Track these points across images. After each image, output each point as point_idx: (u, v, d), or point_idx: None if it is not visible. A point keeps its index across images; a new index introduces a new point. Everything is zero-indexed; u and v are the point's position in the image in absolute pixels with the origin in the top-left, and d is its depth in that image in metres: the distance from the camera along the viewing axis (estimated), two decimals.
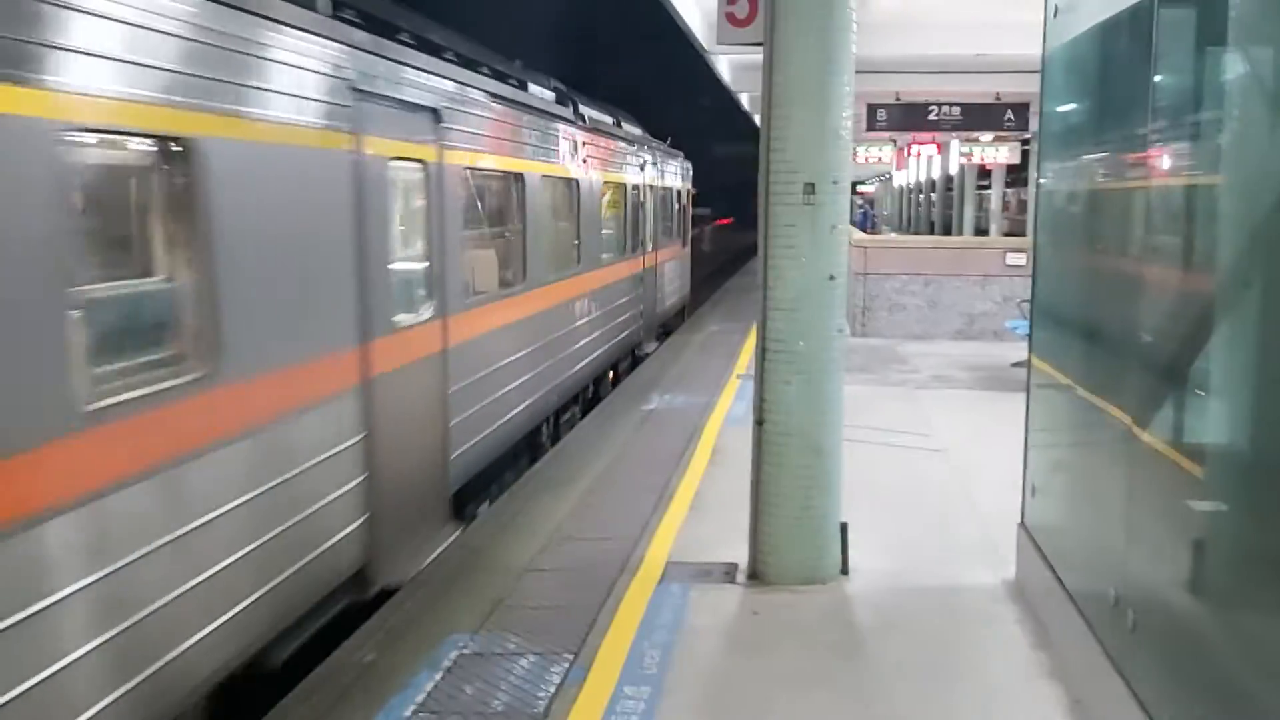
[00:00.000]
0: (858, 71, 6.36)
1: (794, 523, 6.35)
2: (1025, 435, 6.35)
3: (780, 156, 6.16)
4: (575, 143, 11.40)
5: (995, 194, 33.75)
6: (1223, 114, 3.80)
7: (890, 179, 50.88)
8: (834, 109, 6.12)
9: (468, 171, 8.02)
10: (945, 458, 9.52)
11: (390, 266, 6.48)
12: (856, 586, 6.37)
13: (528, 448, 10.18)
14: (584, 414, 11.99)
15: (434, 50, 7.72)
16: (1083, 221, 5.74)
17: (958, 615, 5.99)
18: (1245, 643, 3.56)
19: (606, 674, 5.28)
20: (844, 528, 6.50)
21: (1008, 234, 28.94)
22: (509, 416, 9.02)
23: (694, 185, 23.70)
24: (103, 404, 3.88)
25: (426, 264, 7.24)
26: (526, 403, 9.56)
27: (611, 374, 14.21)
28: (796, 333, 6.23)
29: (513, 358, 9.08)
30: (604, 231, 12.96)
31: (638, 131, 16.11)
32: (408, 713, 4.91)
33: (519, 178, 9.40)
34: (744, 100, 28.25)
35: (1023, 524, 6.27)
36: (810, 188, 6.10)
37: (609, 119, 13.83)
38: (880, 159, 33.50)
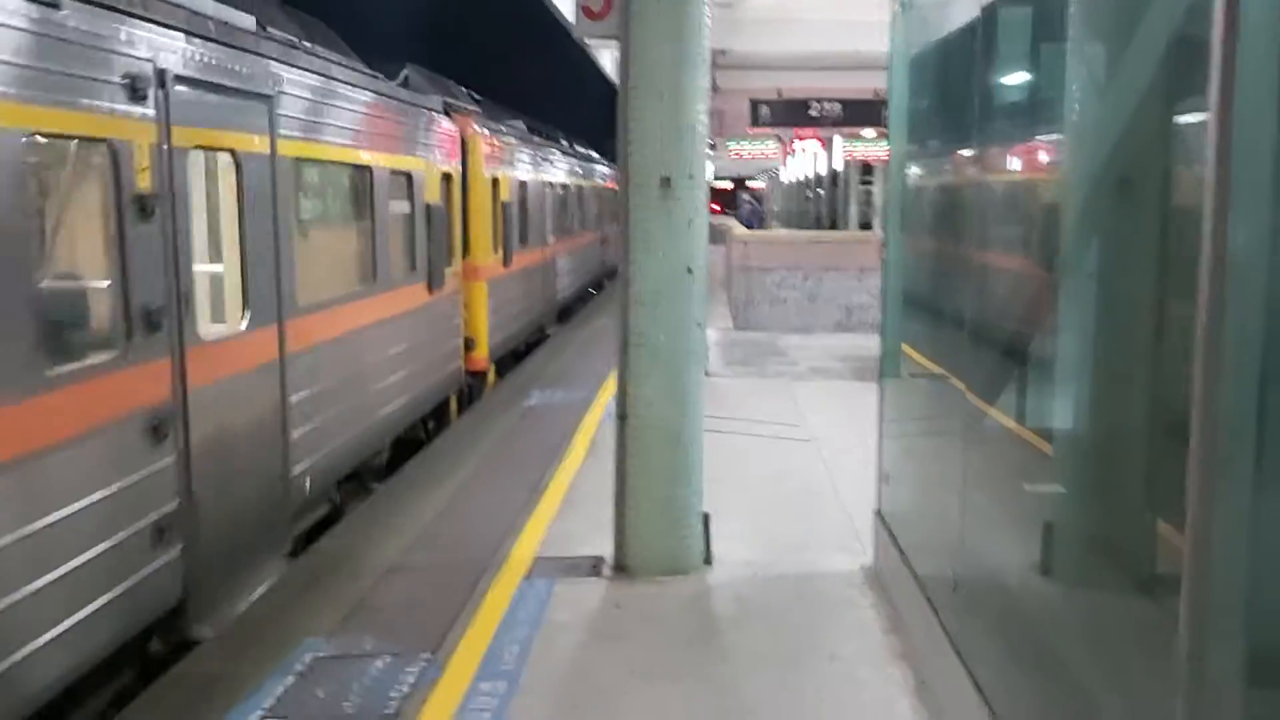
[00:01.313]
0: (739, 67, 6.44)
1: (656, 514, 6.38)
2: (879, 424, 6.48)
3: (637, 150, 6.18)
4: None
5: (878, 189, 34.41)
6: (1060, 112, 3.94)
7: (778, 174, 51.53)
8: (688, 104, 6.15)
9: (301, 164, 7.21)
10: (814, 448, 9.68)
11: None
12: (719, 576, 6.43)
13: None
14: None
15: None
16: (925, 212, 5.90)
17: (815, 602, 6.09)
18: (1068, 620, 3.68)
19: (462, 671, 5.23)
20: (706, 518, 6.55)
21: None
22: (364, 427, 8.40)
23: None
24: None
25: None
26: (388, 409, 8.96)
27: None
28: (656, 326, 6.26)
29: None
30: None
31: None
32: (254, 718, 4.79)
33: (367, 171, 8.55)
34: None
35: (878, 511, 6.40)
36: (666, 182, 6.13)
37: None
38: (766, 155, 33.91)
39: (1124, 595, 3.36)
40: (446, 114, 11.78)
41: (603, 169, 28.31)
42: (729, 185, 73.54)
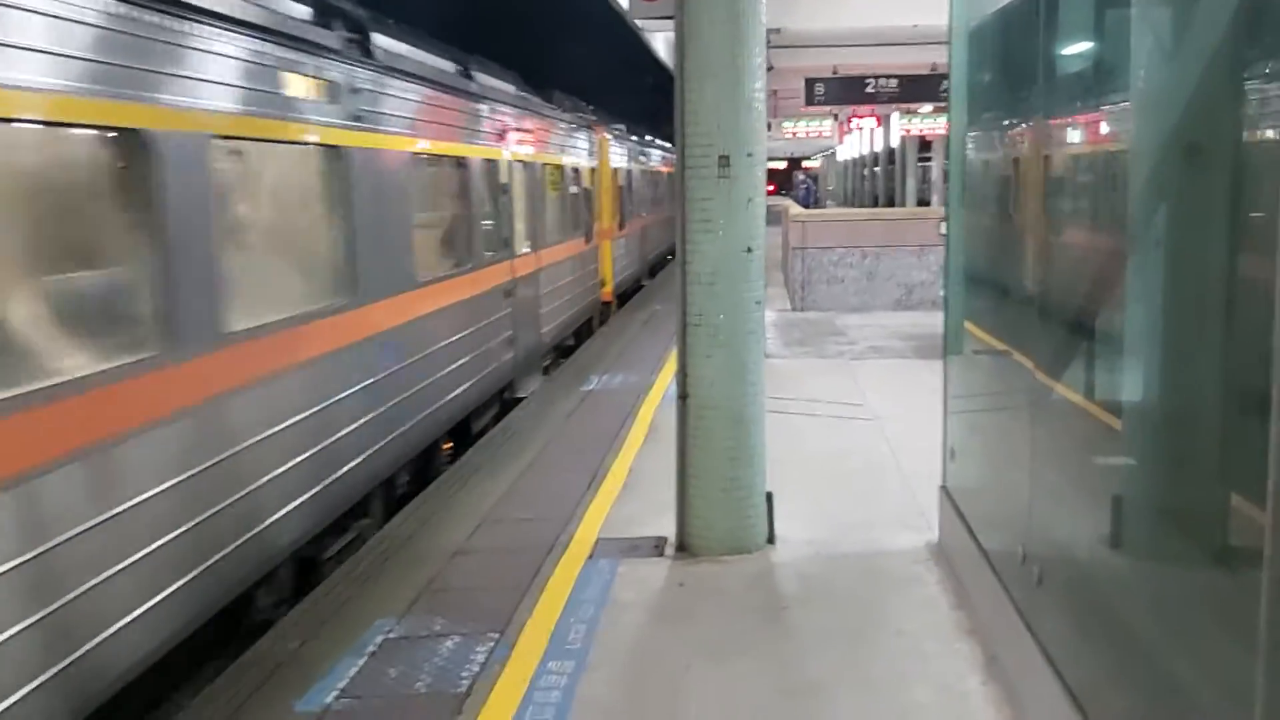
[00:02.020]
0: (794, 46, 6.41)
1: (719, 494, 6.39)
2: (944, 399, 6.43)
3: (694, 130, 6.17)
4: (354, 88, 7.28)
5: (936, 165, 34.02)
6: (1128, 79, 3.87)
7: (834, 154, 51.13)
8: (746, 81, 6.13)
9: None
10: (876, 426, 9.62)
11: None
12: (782, 555, 6.43)
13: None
14: (386, 519, 7.85)
15: None
16: (992, 187, 5.82)
17: (880, 579, 6.07)
18: (1145, 595, 3.64)
19: (530, 651, 5.29)
20: (769, 497, 6.55)
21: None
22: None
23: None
24: None
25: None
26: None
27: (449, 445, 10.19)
28: (715, 306, 6.25)
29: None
30: (412, 235, 8.44)
31: (504, 86, 12.32)
32: (330, 698, 4.89)
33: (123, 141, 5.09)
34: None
35: (943, 486, 6.36)
36: (724, 161, 6.11)
37: (443, 63, 10.13)
38: (821, 133, 33.67)
39: (1198, 567, 3.31)
40: (589, 127, 17.82)
41: (659, 151, 31.90)
42: (783, 166, 73.08)
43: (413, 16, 11.27)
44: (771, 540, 6.54)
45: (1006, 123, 5.49)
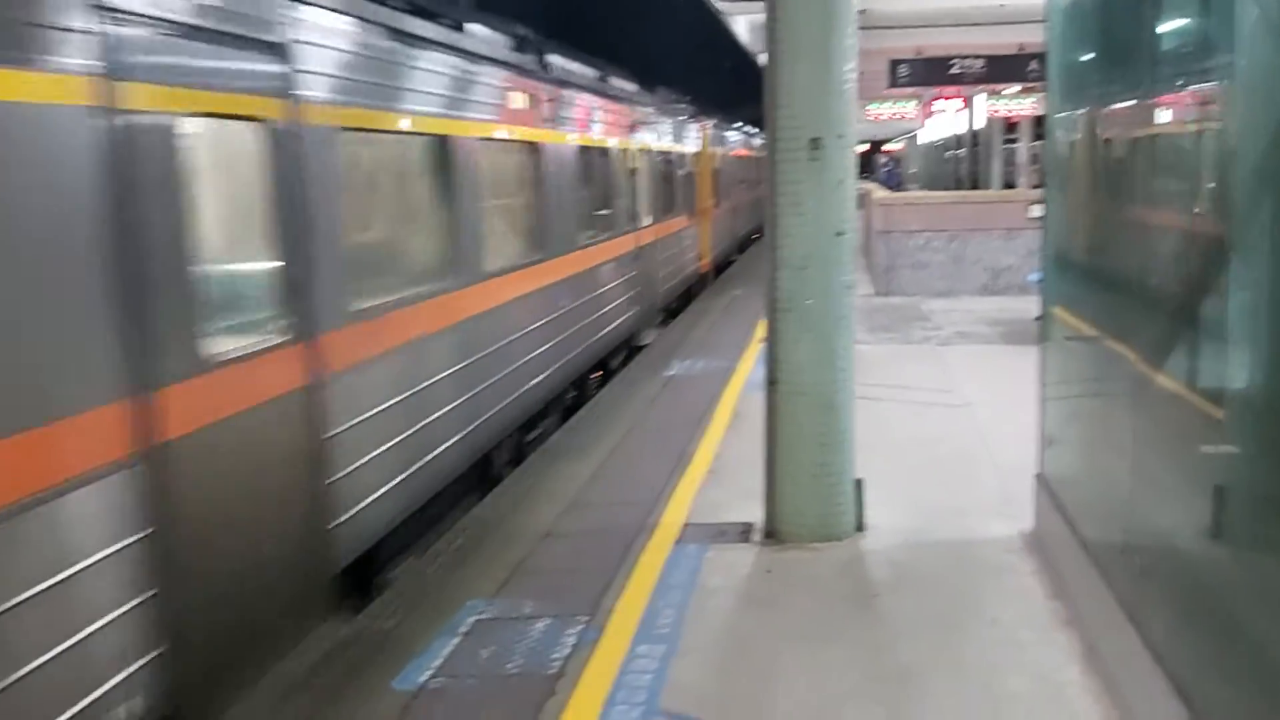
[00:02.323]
0: (878, 27, 6.32)
1: (808, 480, 6.35)
2: (1041, 385, 6.31)
3: (785, 113, 6.12)
4: (535, 98, 9.66)
5: (1023, 147, 33.35)
6: (1234, 57, 3.74)
7: (916, 136, 50.39)
8: (837, 63, 6.06)
9: (344, 134, 5.94)
10: (966, 413, 9.48)
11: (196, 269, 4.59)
12: (872, 542, 6.38)
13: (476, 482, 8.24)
14: (565, 418, 10.41)
15: None
16: (1092, 169, 5.67)
17: (973, 567, 5.99)
18: (1252, 585, 3.54)
19: (621, 634, 5.32)
20: (859, 484, 6.49)
21: (1036, 187, 28.58)
22: (432, 456, 7.02)
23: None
24: None
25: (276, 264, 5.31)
26: (459, 435, 7.45)
27: (600, 373, 12.55)
28: (805, 290, 6.21)
29: (435, 380, 7.11)
30: (583, 206, 11.30)
31: (630, 86, 15.13)
32: (424, 677, 4.97)
33: (441, 142, 7.43)
34: (762, 61, 27.99)
35: (1039, 474, 6.24)
36: (816, 143, 6.06)
37: (591, 71, 12.64)
38: (905, 115, 33.14)
39: None
40: (694, 118, 20.47)
41: (760, 140, 35.80)
42: (865, 148, 72.25)
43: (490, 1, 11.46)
44: (861, 527, 6.48)
45: (1107, 102, 5.34)
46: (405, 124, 6.90)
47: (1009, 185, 33.22)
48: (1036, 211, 16.62)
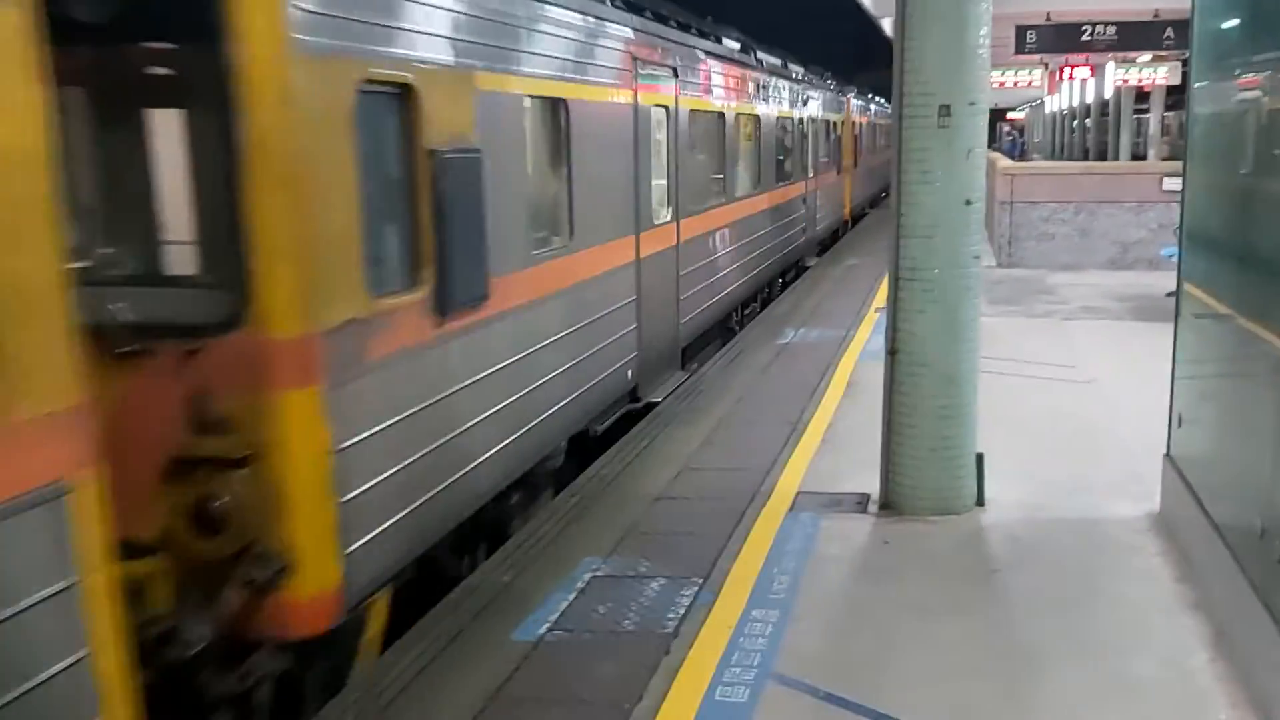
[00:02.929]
0: None
1: (928, 453, 6.27)
2: (1173, 363, 6.11)
3: (915, 78, 6.00)
4: (758, 84, 14.03)
5: (1154, 117, 32.16)
6: None
7: (1041, 105, 48.87)
8: (972, 27, 5.91)
9: (691, 113, 10.35)
10: (1093, 389, 9.23)
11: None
12: (992, 517, 6.28)
13: (721, 331, 12.63)
14: (762, 308, 14.88)
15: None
16: (1240, 142, 5.41)
17: (1097, 546, 5.86)
18: None
19: (735, 597, 5.35)
20: (980, 458, 6.39)
21: (1167, 159, 27.57)
22: (717, 298, 11.61)
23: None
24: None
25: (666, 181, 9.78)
26: (729, 289, 12.25)
27: (781, 281, 17.08)
28: (931, 260, 6.10)
29: (721, 253, 11.87)
30: (778, 158, 15.71)
31: (801, 69, 18.95)
32: (543, 629, 5.08)
33: (721, 116, 11.81)
34: (885, 26, 27.43)
35: (1168, 455, 6.06)
36: (946, 110, 5.93)
37: (778, 61, 16.58)
38: (1030, 83, 32.17)
39: None
40: (839, 91, 24.41)
41: (885, 109, 39.54)
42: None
43: None
44: (981, 502, 6.39)
45: (1259, 69, 5.10)
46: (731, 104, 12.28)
47: (1138, 157, 32.09)
48: (1171, 184, 16.10)
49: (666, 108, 9.56)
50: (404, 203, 4.99)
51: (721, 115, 11.83)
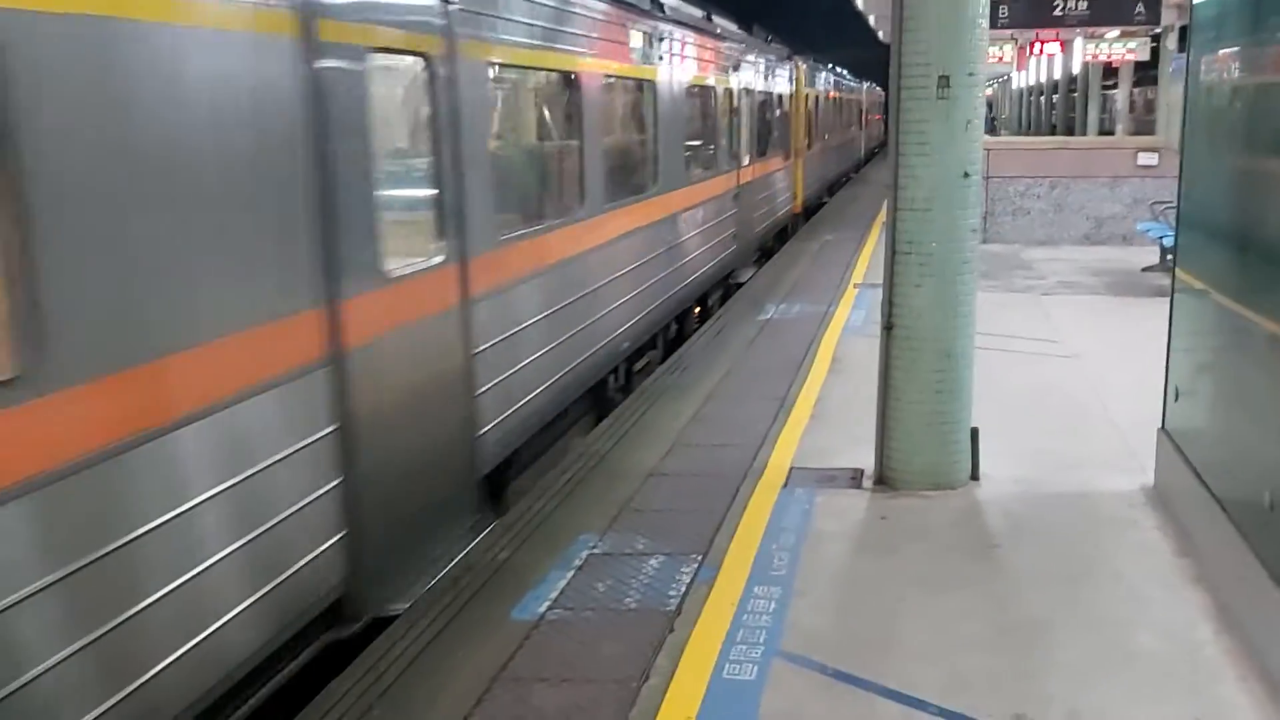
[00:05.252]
0: None
1: (923, 428, 6.25)
2: (1169, 338, 6.11)
3: (914, 49, 5.93)
4: (650, 37, 9.78)
5: (1122, 93, 32.23)
6: None
7: (1009, 80, 49.02)
8: None
9: (493, 69, 6.21)
10: (1076, 364, 9.26)
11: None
12: (987, 492, 6.27)
13: (594, 400, 8.75)
14: (664, 358, 10.58)
15: None
16: (1246, 120, 5.37)
17: (1094, 520, 5.86)
18: None
19: (736, 574, 5.30)
20: (975, 433, 6.38)
21: (1134, 135, 27.70)
22: (560, 375, 7.40)
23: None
24: None
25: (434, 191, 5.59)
26: (581, 359, 7.87)
27: (698, 310, 12.94)
28: (928, 233, 6.06)
29: (567, 302, 7.52)
30: (686, 145, 11.44)
31: (731, 27, 15.06)
32: (542, 608, 5.01)
33: (569, 78, 7.70)
34: (858, 2, 27.34)
35: (1164, 428, 6.07)
36: (945, 81, 5.87)
37: (696, 11, 12.60)
38: (1000, 58, 32.20)
39: None
40: (789, 58, 20.21)
41: (848, 82, 37.57)
42: None
43: None
44: (976, 477, 6.38)
45: (1262, 44, 5.06)
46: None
47: (1105, 132, 32.25)
48: (1147, 159, 16.18)
49: (425, 56, 5.37)
50: None
51: (570, 77, 7.68)
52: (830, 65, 32.43)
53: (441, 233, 5.54)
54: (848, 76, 38.35)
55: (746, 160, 14.98)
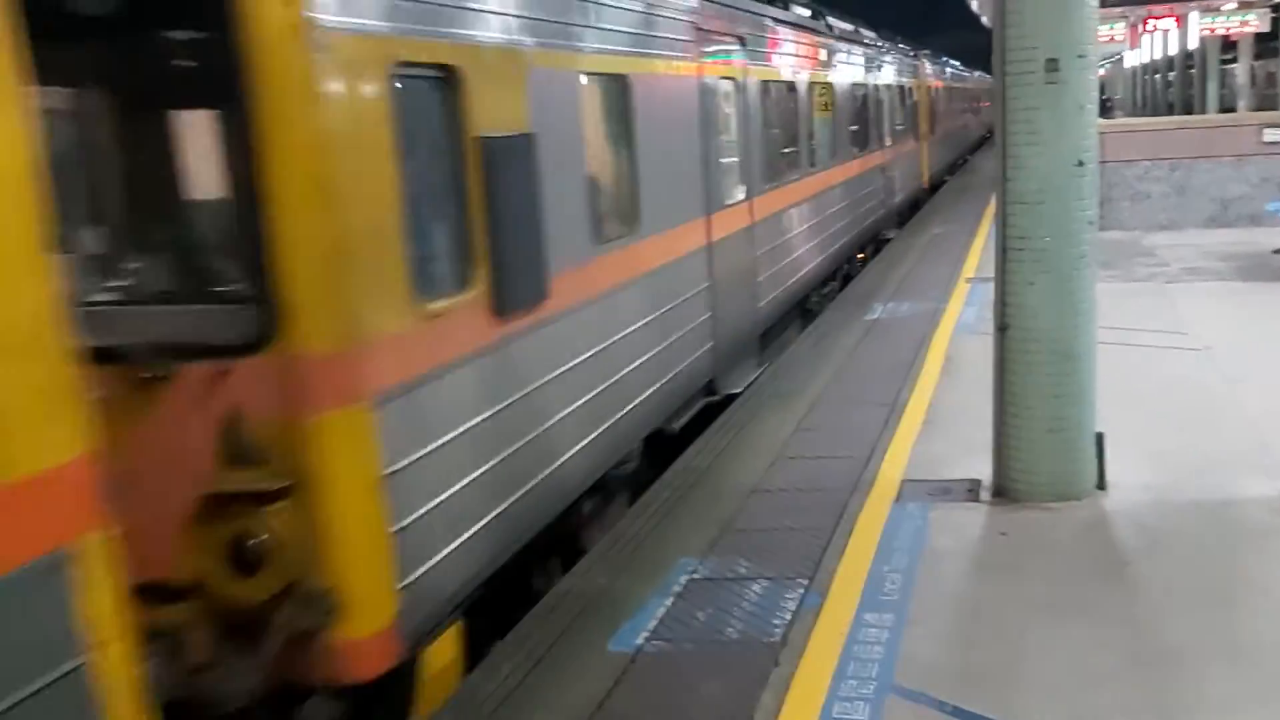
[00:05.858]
0: None
1: (1044, 435, 5.85)
2: None
3: (1017, 32, 5.56)
4: (830, 52, 14.03)
5: (1242, 67, 30.90)
6: None
7: (1121, 60, 47.38)
8: None
9: (761, 85, 10.14)
10: (1206, 357, 8.68)
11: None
12: (1115, 502, 5.84)
13: (800, 313, 12.35)
14: (841, 288, 14.21)
15: None
16: None
17: (1234, 531, 5.41)
18: None
19: (845, 600, 5.00)
20: (1100, 438, 5.95)
21: (1257, 110, 26.44)
22: (796, 277, 11.41)
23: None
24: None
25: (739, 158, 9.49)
26: (807, 268, 12.03)
27: (860, 256, 16.73)
28: (1041, 227, 5.68)
29: (798, 231, 11.65)
30: (853, 129, 15.30)
31: (873, 35, 19.10)
32: (640, 639, 4.78)
33: (792, 87, 11.70)
34: None
35: None
36: (1053, 64, 5.48)
37: (849, 26, 16.49)
38: (1111, 38, 31.10)
39: None
40: (914, 56, 24.24)
41: (961, 73, 40.55)
42: None
43: None
44: (1102, 485, 5.96)
45: None
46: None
47: (1226, 109, 30.89)
48: (1272, 135, 15.28)
49: (735, 80, 9.23)
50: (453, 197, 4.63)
51: (793, 86, 11.57)
52: (943, 58, 34.23)
53: (743, 182, 9.34)
54: (960, 67, 40.17)
55: (889, 142, 18.53)
